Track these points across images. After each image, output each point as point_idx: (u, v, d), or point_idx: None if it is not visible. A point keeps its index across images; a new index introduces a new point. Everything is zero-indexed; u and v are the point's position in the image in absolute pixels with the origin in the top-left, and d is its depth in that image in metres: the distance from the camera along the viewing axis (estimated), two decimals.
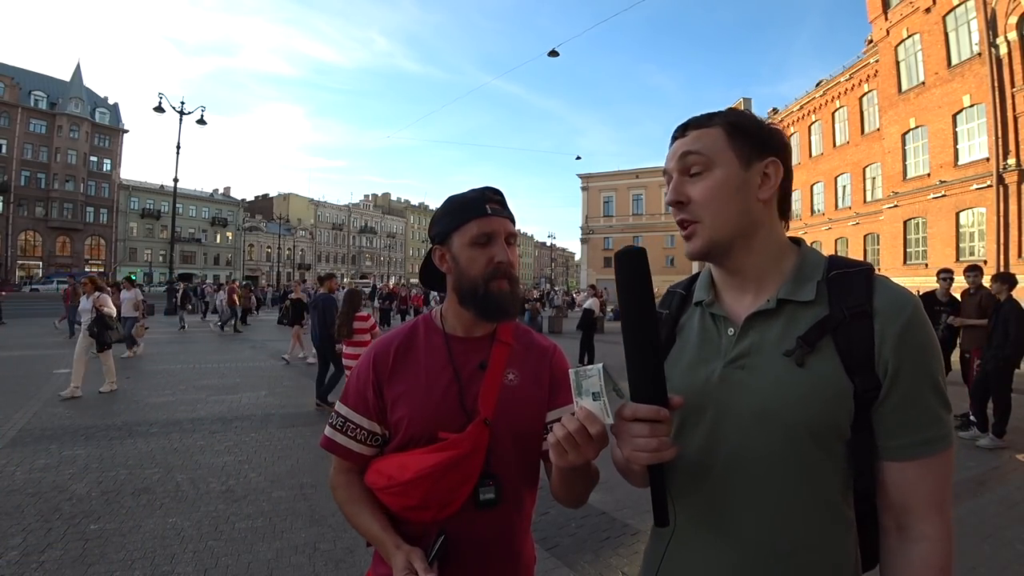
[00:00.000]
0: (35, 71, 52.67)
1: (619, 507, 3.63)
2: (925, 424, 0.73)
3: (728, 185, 0.80)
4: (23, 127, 49.19)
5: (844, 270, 0.79)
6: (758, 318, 0.80)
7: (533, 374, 1.10)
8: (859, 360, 0.73)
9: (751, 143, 0.81)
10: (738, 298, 0.85)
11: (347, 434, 1.08)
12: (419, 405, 1.03)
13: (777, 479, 0.76)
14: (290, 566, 2.91)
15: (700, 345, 0.86)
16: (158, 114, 19.83)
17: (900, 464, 0.74)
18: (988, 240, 19.54)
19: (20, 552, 2.97)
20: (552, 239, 67.85)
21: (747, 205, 0.81)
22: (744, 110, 0.86)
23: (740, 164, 0.80)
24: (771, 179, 0.81)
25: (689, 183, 0.82)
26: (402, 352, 1.09)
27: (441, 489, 0.98)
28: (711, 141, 0.81)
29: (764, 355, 0.78)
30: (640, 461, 0.72)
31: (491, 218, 1.04)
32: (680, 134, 0.85)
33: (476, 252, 1.03)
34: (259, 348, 12.76)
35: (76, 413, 6.13)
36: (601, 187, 51.24)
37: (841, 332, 0.74)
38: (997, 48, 18.81)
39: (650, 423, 0.71)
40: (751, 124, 0.82)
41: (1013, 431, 5.74)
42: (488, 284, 1.02)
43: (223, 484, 4.07)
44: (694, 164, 0.81)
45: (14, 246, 48.72)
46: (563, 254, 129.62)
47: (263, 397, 7.28)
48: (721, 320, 0.85)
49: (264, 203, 77.83)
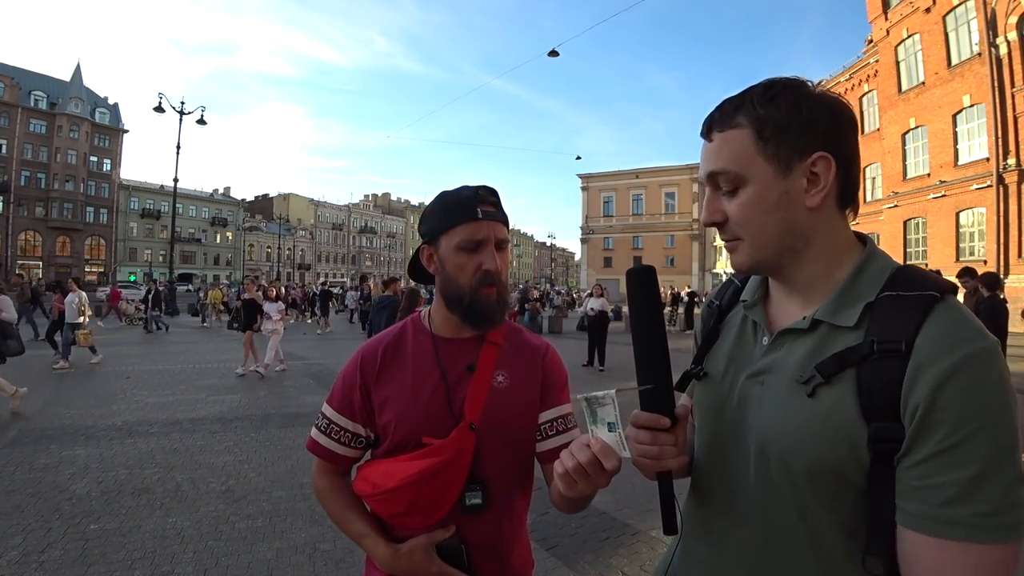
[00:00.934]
0: (35, 71, 52.71)
1: (619, 507, 3.63)
2: (951, 499, 0.55)
3: (765, 201, 0.67)
4: (23, 127, 49.19)
5: (902, 292, 0.63)
6: (790, 335, 0.70)
7: (524, 375, 1.07)
8: (880, 403, 0.59)
9: (788, 142, 0.66)
10: (784, 304, 0.76)
11: (331, 436, 1.07)
12: (406, 409, 1.01)
13: (778, 518, 0.67)
14: (290, 566, 2.91)
15: (736, 348, 0.79)
16: (158, 114, 19.86)
17: (913, 535, 0.57)
18: (988, 240, 19.55)
19: (20, 552, 2.97)
20: (552, 239, 68.01)
21: (792, 218, 0.68)
22: (781, 86, 0.69)
23: (777, 172, 0.67)
24: (821, 180, 0.67)
25: (724, 199, 0.71)
26: (390, 354, 1.07)
27: (426, 495, 0.96)
28: (738, 150, 0.68)
29: (782, 375, 0.68)
30: (644, 467, 0.72)
31: (481, 223, 0.99)
32: (706, 135, 0.72)
33: (464, 258, 1.00)
34: (259, 348, 12.73)
35: (76, 413, 6.12)
36: (601, 187, 51.28)
37: (865, 367, 0.61)
38: (997, 48, 18.81)
39: (652, 431, 0.70)
40: (786, 116, 0.66)
41: None
42: (475, 292, 1.00)
43: (223, 484, 4.07)
44: (724, 181, 0.70)
45: (14, 246, 48.72)
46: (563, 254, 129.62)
47: (263, 397, 7.27)
48: (759, 327, 0.76)
49: (264, 203, 77.85)
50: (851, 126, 0.68)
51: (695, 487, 0.82)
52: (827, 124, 0.67)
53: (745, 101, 0.69)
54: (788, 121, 0.66)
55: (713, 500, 0.77)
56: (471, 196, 1.01)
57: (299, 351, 12.16)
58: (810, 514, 0.64)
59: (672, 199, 48.71)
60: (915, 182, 22.63)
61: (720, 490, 0.76)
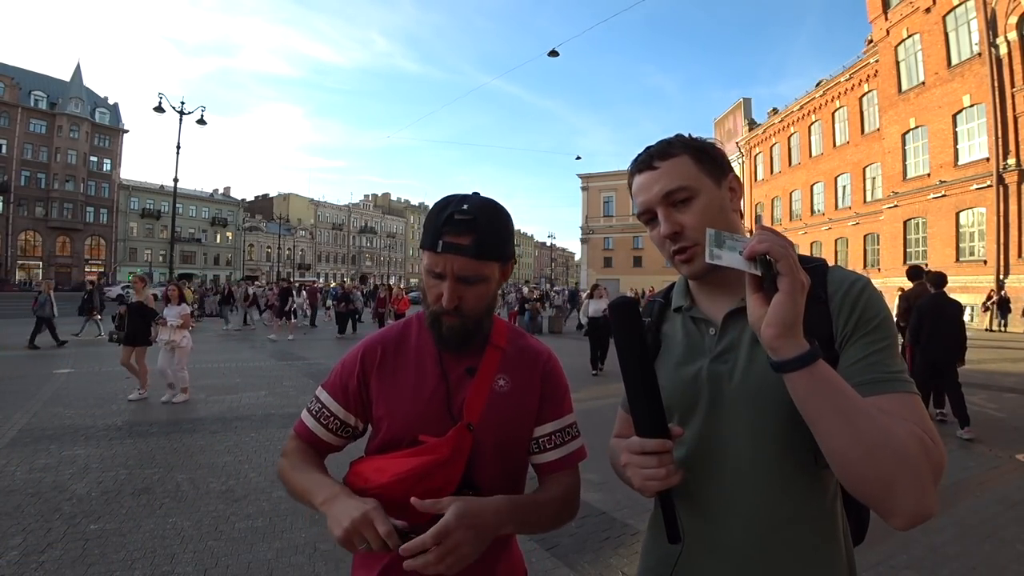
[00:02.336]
0: (35, 71, 52.72)
1: (619, 507, 3.63)
2: (884, 367, 0.76)
3: (713, 206, 0.87)
4: (23, 127, 49.20)
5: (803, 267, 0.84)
6: (735, 315, 0.87)
7: (524, 381, 1.06)
8: (822, 340, 0.78)
9: (714, 164, 0.89)
10: (714, 300, 0.92)
11: (320, 421, 1.06)
12: (405, 404, 1.01)
13: (764, 456, 0.82)
14: (290, 566, 2.91)
15: (686, 346, 0.92)
16: (158, 114, 19.81)
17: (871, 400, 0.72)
18: (988, 240, 19.55)
19: (20, 552, 2.97)
20: (552, 239, 67.94)
21: (728, 220, 0.88)
22: (689, 136, 0.94)
23: (715, 185, 0.88)
24: (736, 192, 0.90)
25: (678, 213, 0.87)
26: (393, 348, 1.07)
27: (418, 494, 0.90)
28: (685, 170, 0.86)
29: (745, 347, 0.85)
30: (651, 490, 0.79)
31: (438, 257, 0.95)
32: (646, 167, 0.89)
33: (431, 280, 0.99)
34: (259, 348, 12.76)
35: (76, 413, 6.12)
36: (601, 187, 51.22)
37: (804, 320, 0.74)
38: (997, 48, 18.81)
39: (657, 455, 0.78)
40: (708, 146, 0.90)
41: (1012, 431, 5.76)
42: (437, 316, 1.00)
43: (223, 484, 4.07)
44: (680, 195, 0.86)
45: (14, 246, 48.72)
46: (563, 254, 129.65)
47: (263, 397, 7.27)
48: (702, 322, 0.92)
49: (264, 203, 77.85)
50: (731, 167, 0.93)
51: (683, 467, 0.88)
52: (726, 159, 0.92)
53: (672, 142, 0.90)
54: (711, 151, 0.90)
55: (704, 467, 0.87)
56: (441, 223, 0.95)
57: (299, 351, 12.17)
58: (793, 439, 0.79)
59: None
60: (915, 182, 22.64)
61: (706, 465, 0.87)
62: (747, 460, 0.83)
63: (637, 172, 0.91)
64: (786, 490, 0.82)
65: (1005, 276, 19.09)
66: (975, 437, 5.34)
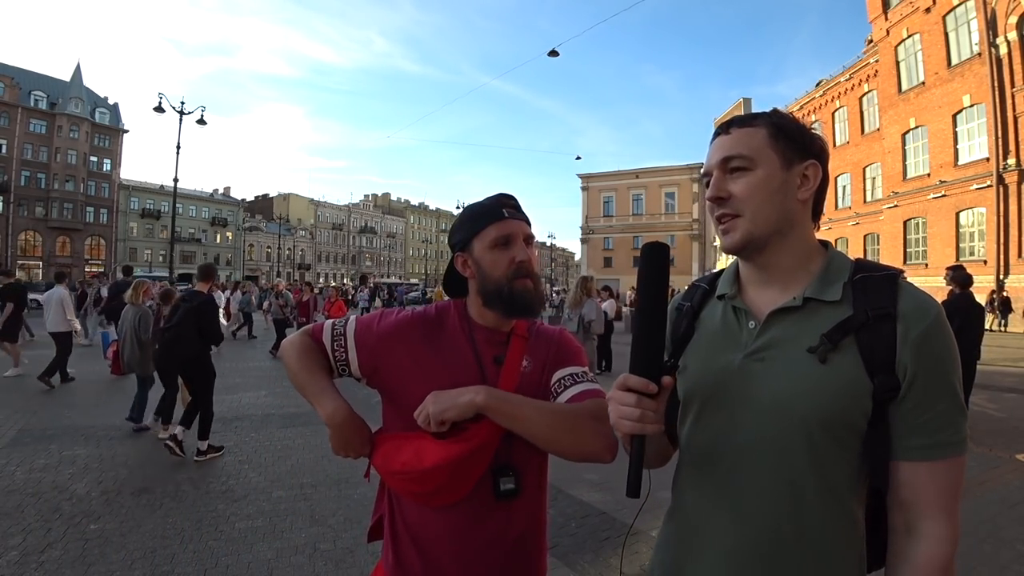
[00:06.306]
0: (35, 71, 52.60)
1: (619, 507, 3.63)
2: (939, 428, 0.75)
3: (769, 183, 0.83)
4: (23, 127, 49.14)
5: (870, 273, 0.81)
6: (782, 314, 0.83)
7: (543, 359, 1.13)
8: (880, 361, 0.75)
9: (793, 145, 0.84)
10: (762, 293, 0.88)
11: (333, 349, 1.12)
12: (441, 384, 1.03)
13: (787, 467, 0.78)
14: (290, 566, 2.91)
15: (721, 336, 0.89)
16: (158, 114, 19.83)
17: (912, 464, 0.76)
18: (988, 240, 19.54)
19: (20, 552, 2.97)
20: (552, 239, 67.84)
21: (786, 204, 0.83)
22: (788, 113, 0.90)
23: (782, 165, 0.83)
24: (810, 181, 0.85)
25: (731, 180, 0.84)
26: (431, 326, 1.12)
27: (457, 478, 1.00)
28: (755, 141, 0.83)
29: (785, 349, 0.81)
30: (622, 429, 0.76)
31: (508, 221, 1.09)
32: (724, 131, 0.87)
33: (497, 254, 1.07)
34: (259, 348, 12.76)
35: (76, 413, 6.13)
36: (601, 187, 51.21)
37: (864, 333, 0.76)
38: (997, 48, 18.81)
39: (638, 395, 0.75)
40: (794, 127, 0.85)
41: (1012, 431, 5.75)
42: (512, 283, 1.06)
43: (223, 484, 4.07)
44: (737, 163, 0.84)
45: (14, 246, 48.68)
46: (563, 254, 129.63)
47: (263, 397, 7.28)
48: (743, 313, 0.88)
49: (264, 203, 77.80)
50: (828, 160, 0.88)
51: (703, 459, 0.87)
52: (820, 147, 0.87)
53: (763, 114, 0.87)
54: (795, 132, 0.85)
55: (724, 464, 0.84)
56: (495, 201, 1.11)
57: None
58: (820, 456, 0.77)
59: (672, 199, 48.61)
60: (915, 182, 22.62)
61: (727, 460, 0.84)
62: (767, 471, 0.79)
63: (715, 135, 0.88)
64: (804, 506, 0.77)
65: (1005, 276, 19.08)
66: (973, 437, 5.32)
